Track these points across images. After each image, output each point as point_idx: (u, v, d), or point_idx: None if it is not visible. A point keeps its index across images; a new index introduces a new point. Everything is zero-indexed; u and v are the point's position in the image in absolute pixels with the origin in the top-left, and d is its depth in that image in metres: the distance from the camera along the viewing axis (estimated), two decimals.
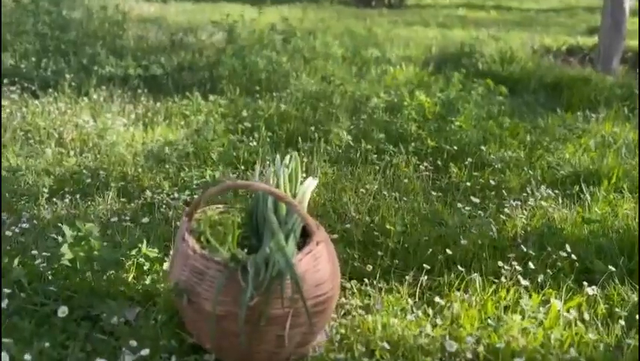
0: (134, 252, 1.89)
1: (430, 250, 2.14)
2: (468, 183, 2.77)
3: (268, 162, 2.81)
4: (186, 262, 1.52)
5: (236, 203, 2.03)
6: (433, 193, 2.73)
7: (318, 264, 1.51)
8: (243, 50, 4.72)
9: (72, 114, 3.41)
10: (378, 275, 2.01)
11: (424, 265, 2.04)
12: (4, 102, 3.50)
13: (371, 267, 2.01)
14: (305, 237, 1.62)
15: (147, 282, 1.92)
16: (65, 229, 1.65)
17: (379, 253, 2.09)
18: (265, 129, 3.34)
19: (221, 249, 1.50)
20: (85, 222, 1.80)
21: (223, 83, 4.14)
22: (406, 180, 2.77)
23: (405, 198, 2.61)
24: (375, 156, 2.89)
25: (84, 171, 2.72)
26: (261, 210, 1.70)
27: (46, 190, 2.46)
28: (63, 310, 1.67)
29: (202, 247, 1.56)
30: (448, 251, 2.09)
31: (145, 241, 2.05)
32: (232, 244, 1.57)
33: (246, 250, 1.54)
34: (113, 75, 4.27)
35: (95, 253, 1.69)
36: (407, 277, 1.99)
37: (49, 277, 1.83)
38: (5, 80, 3.79)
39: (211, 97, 3.80)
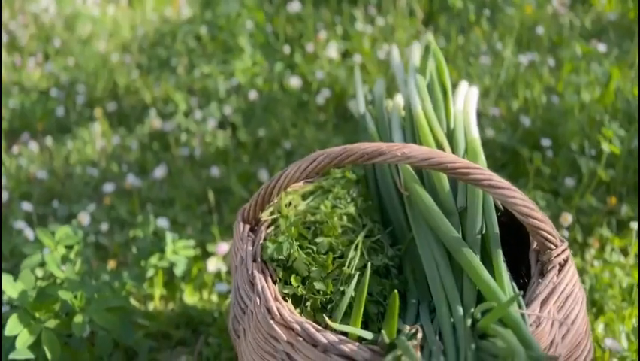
0: (154, 259, 1.06)
1: None
2: None
3: (324, 31, 1.83)
4: (266, 339, 0.68)
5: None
6: None
7: (569, 314, 0.66)
8: None
9: None
10: None
11: None
12: None
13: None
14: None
15: (188, 299, 1.12)
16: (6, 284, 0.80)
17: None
18: None
19: (357, 330, 0.65)
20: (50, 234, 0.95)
21: None
22: None
23: None
24: None
25: (54, 89, 1.80)
26: (385, 173, 0.83)
27: None
28: None
29: (299, 305, 0.71)
30: None
31: (168, 224, 1.22)
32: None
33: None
34: None
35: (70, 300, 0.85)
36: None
37: None
38: None
39: None
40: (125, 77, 1.84)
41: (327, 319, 0.66)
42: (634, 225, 1.13)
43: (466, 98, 0.90)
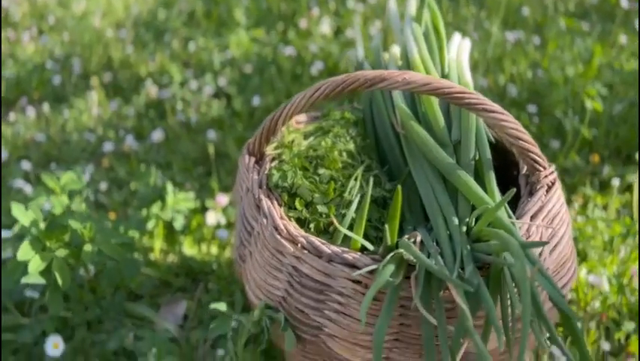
0: (155, 208, 1.09)
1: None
2: None
3: (317, 11, 1.88)
4: (273, 255, 0.72)
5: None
6: None
7: (557, 232, 0.71)
8: None
9: None
10: None
11: None
12: None
13: None
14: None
15: (187, 251, 1.15)
16: (17, 210, 0.82)
17: None
18: None
19: (353, 234, 0.69)
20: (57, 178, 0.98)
21: None
22: None
23: None
24: None
25: (49, 61, 1.83)
26: (382, 114, 0.87)
27: None
28: (56, 343, 0.92)
29: (303, 225, 0.75)
30: None
31: (169, 184, 1.25)
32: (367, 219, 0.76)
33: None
34: None
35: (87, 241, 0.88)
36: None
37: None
38: None
39: None
40: (119, 51, 1.87)
41: (334, 219, 0.70)
42: (615, 182, 1.19)
43: (459, 48, 0.94)
